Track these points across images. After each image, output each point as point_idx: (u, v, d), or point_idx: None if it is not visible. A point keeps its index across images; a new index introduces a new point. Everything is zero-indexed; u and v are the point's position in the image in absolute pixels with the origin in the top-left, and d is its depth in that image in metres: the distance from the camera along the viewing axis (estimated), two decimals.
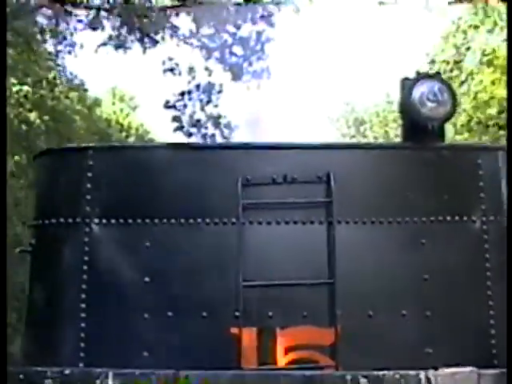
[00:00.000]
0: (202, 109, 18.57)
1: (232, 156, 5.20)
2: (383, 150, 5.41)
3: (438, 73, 5.40)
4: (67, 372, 4.26)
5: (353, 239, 5.08)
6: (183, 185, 5.15)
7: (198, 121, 18.58)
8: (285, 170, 5.10)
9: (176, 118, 18.56)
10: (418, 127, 5.19)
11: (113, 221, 5.12)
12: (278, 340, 4.93)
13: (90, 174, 5.18)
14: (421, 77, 5.29)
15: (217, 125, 18.64)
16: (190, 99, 18.53)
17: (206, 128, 18.80)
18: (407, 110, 5.25)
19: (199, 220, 5.08)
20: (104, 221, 5.12)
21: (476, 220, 5.17)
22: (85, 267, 5.07)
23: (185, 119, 18.42)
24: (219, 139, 18.52)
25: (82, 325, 4.99)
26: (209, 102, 18.51)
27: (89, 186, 5.17)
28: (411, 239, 5.10)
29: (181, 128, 18.49)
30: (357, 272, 5.03)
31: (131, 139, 33.55)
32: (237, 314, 4.89)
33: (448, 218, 5.14)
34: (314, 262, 5.02)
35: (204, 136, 18.62)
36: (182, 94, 18.19)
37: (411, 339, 4.99)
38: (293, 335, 4.92)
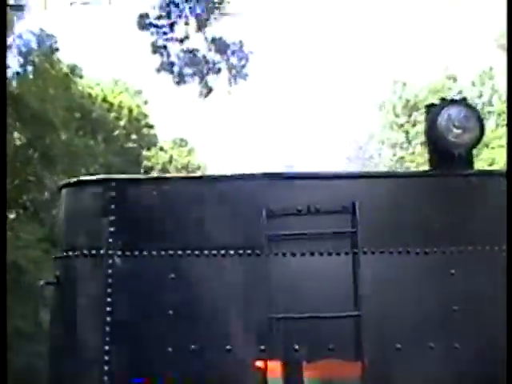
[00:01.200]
0: (199, 29, 11.78)
1: (256, 187, 5.15)
2: (409, 179, 5.31)
3: (464, 98, 5.30)
4: None
5: (379, 270, 4.98)
6: (207, 216, 5.10)
7: (192, 51, 11.83)
8: (309, 200, 5.03)
9: (158, 48, 11.07)
10: (445, 154, 5.10)
11: (136, 253, 5.08)
12: (304, 373, 4.84)
13: (113, 206, 5.16)
14: (446, 103, 5.20)
15: (222, 52, 11.92)
16: (180, 14, 10.68)
17: (207, 62, 11.51)
18: (433, 136, 5.16)
19: (223, 252, 5.02)
20: (127, 253, 5.09)
21: (505, 249, 5.03)
22: (108, 299, 5.03)
23: (173, 51, 11.20)
24: (225, 74, 11.82)
25: (106, 358, 4.94)
26: (207, 21, 10.78)
27: (112, 218, 5.15)
28: (439, 269, 4.99)
29: (169, 67, 11.36)
30: (384, 304, 4.93)
31: (123, 122, 31.46)
32: (262, 347, 4.81)
33: (478, 248, 5.02)
34: (340, 293, 4.93)
35: (202, 75, 11.42)
36: (167, 4, 10.51)
37: (440, 372, 4.86)
38: (319, 368, 4.82)
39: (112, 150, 27.93)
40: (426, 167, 5.44)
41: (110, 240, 5.13)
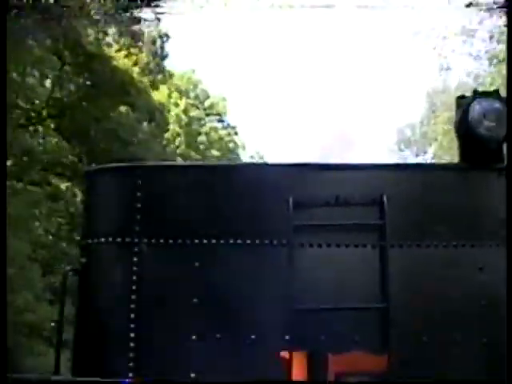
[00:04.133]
0: None
1: (284, 176, 5.11)
2: (439, 171, 5.24)
3: (497, 90, 5.20)
4: None
5: (406, 263, 4.94)
6: (234, 205, 5.08)
7: None
8: (337, 191, 4.99)
9: None
10: (476, 147, 5.02)
11: (162, 241, 5.07)
12: (330, 365, 4.82)
13: (139, 194, 5.15)
14: (478, 95, 5.12)
15: None
16: None
17: None
18: (464, 129, 5.08)
19: (249, 241, 5.00)
20: (153, 241, 5.08)
21: None
22: (134, 287, 5.03)
23: None
24: None
25: (131, 344, 4.95)
26: None
27: (139, 205, 5.14)
28: (468, 264, 4.93)
29: None
30: (410, 297, 4.88)
31: None
32: (287, 337, 4.79)
33: (505, 243, 4.95)
34: (367, 285, 4.89)
35: None
36: None
37: (467, 367, 4.81)
38: (345, 360, 4.80)
39: None
40: None
41: (137, 228, 5.12)
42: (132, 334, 4.96)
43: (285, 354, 4.79)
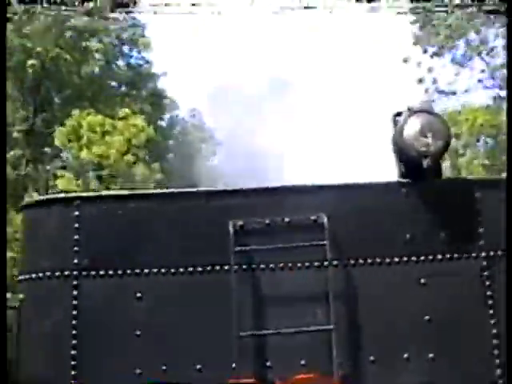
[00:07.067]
0: None
1: (222, 202, 5.05)
2: (379, 189, 5.22)
3: (430, 107, 5.25)
4: None
5: (350, 282, 4.90)
6: (174, 233, 5.00)
7: None
8: (277, 214, 4.95)
9: None
10: (414, 163, 5.04)
11: (102, 272, 4.94)
12: None
13: (76, 225, 5.02)
14: (413, 111, 5.15)
15: None
16: None
17: None
18: (401, 146, 5.10)
19: (190, 269, 4.91)
20: (93, 272, 4.95)
21: (476, 256, 4.99)
22: (74, 322, 4.88)
23: None
24: None
25: (72, 382, 4.79)
26: None
27: (76, 237, 5.01)
28: (411, 279, 4.92)
29: None
30: (355, 316, 4.84)
31: None
32: (233, 365, 4.69)
33: (447, 256, 4.97)
34: (311, 307, 4.84)
35: None
36: None
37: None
38: None
39: None
40: None
41: (75, 260, 4.99)
42: (73, 372, 4.81)
43: (232, 382, 4.68)
